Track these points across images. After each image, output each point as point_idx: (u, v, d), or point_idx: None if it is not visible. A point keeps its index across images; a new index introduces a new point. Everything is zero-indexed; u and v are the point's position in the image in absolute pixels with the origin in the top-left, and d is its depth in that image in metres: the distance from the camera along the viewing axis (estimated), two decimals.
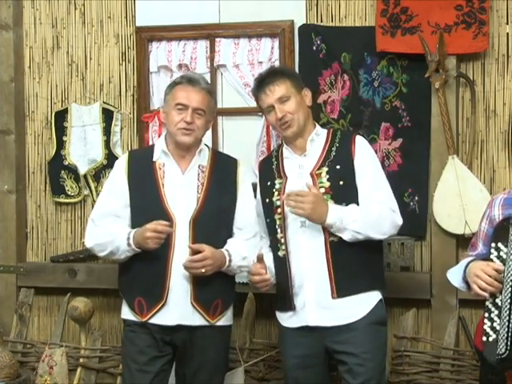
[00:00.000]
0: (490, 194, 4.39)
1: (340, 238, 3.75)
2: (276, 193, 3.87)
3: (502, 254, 3.32)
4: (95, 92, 4.98)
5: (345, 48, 4.59)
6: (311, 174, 3.82)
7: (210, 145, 4.75)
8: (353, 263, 3.78)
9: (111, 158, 4.82)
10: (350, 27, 4.62)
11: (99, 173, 4.93)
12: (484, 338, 3.30)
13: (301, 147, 3.89)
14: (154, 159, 3.95)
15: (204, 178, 3.93)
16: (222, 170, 3.99)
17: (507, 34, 4.43)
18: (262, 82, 3.90)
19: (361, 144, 3.87)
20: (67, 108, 4.98)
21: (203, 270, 3.79)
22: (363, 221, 3.73)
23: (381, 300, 3.85)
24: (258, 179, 4.03)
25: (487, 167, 4.49)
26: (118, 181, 3.98)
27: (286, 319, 3.89)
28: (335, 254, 3.76)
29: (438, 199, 4.40)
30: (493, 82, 4.47)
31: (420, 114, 4.50)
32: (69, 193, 4.97)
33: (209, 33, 4.76)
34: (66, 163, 4.98)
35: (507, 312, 3.23)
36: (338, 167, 3.80)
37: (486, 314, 3.32)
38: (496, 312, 3.29)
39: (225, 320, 3.96)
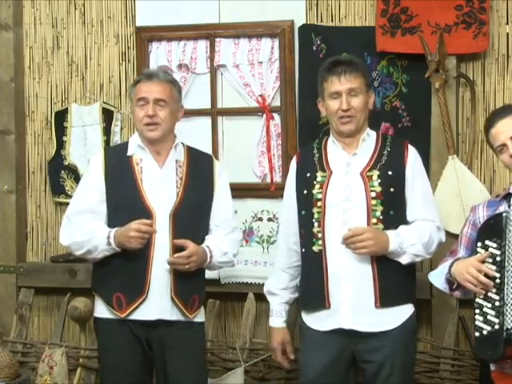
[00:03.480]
0: (490, 193, 4.39)
1: None
2: (317, 185, 3.73)
3: (491, 250, 3.30)
4: (95, 92, 4.98)
5: (345, 48, 4.57)
6: (361, 175, 3.71)
7: (210, 145, 4.77)
8: (396, 274, 3.68)
9: None
10: (349, 27, 4.63)
11: None
12: (477, 334, 3.29)
13: (351, 145, 3.77)
14: (129, 154, 3.92)
15: (182, 172, 3.90)
16: (199, 165, 3.96)
17: (507, 34, 4.43)
18: (337, 66, 3.74)
19: (414, 153, 3.79)
20: (67, 108, 4.98)
21: (187, 267, 3.78)
22: (421, 243, 3.69)
23: (414, 312, 3.76)
24: (295, 170, 3.85)
25: (487, 167, 4.49)
26: (94, 176, 3.92)
27: (319, 321, 3.72)
28: (381, 263, 3.65)
29: (438, 199, 4.40)
30: (493, 82, 4.47)
31: (420, 113, 4.50)
32: (69, 193, 4.94)
33: (209, 33, 4.75)
34: (66, 163, 4.98)
35: None
36: (389, 173, 3.70)
37: (477, 311, 3.31)
38: (489, 305, 3.27)
39: (200, 316, 3.95)
